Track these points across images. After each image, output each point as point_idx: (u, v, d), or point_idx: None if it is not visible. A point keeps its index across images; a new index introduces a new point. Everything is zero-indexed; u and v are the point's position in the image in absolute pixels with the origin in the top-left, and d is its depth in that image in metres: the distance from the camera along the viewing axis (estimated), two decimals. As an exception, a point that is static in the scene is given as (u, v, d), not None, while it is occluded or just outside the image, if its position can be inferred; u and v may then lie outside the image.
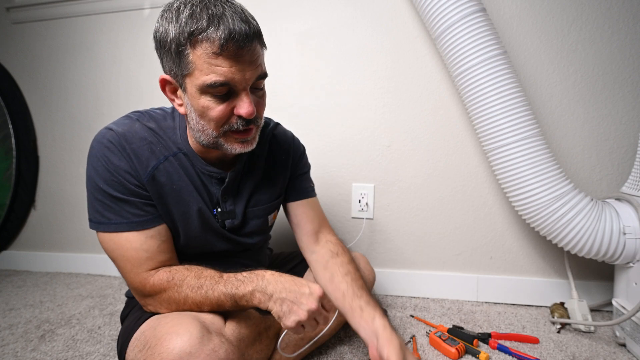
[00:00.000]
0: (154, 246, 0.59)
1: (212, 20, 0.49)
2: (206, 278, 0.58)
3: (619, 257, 0.82)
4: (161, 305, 0.59)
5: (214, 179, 0.65)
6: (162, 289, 0.58)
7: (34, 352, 0.82)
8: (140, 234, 0.59)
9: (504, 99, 0.86)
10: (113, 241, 0.59)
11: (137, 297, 0.62)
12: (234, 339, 0.57)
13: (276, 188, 0.74)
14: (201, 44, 0.50)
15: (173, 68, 0.54)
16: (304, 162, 0.81)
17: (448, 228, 1.12)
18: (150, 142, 0.60)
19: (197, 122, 0.56)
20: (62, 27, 1.35)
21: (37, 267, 1.45)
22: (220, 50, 0.50)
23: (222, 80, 0.51)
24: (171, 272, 0.59)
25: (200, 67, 0.51)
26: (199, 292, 0.57)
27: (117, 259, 0.60)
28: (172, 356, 0.49)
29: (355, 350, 0.81)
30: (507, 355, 0.79)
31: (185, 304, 0.58)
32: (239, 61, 0.51)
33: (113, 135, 0.59)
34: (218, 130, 0.56)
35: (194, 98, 0.54)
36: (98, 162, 0.58)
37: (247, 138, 0.59)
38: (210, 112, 0.54)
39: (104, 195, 0.58)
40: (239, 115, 0.55)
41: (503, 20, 1.03)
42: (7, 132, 1.41)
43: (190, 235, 0.65)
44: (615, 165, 1.01)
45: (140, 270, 0.58)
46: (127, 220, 0.58)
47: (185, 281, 0.58)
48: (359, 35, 1.13)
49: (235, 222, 0.68)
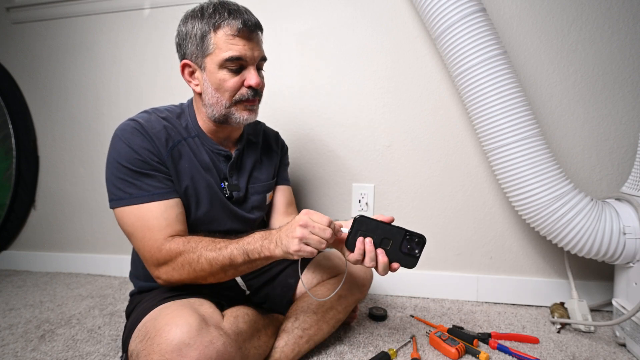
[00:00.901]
0: (172, 215, 0.66)
1: (231, 12, 0.67)
2: (219, 241, 0.63)
3: (619, 257, 0.82)
4: (174, 269, 0.62)
5: (221, 157, 0.76)
6: (178, 252, 0.62)
7: (34, 352, 0.82)
8: (160, 204, 0.65)
9: (504, 99, 0.86)
10: (134, 214, 0.64)
11: (152, 268, 0.64)
12: (232, 333, 0.58)
13: (271, 170, 0.87)
14: (223, 28, 0.66)
15: (195, 52, 0.69)
16: (287, 156, 0.97)
17: (448, 228, 1.12)
18: (166, 127, 0.69)
19: (213, 95, 0.69)
20: (62, 27, 1.36)
21: (37, 267, 1.45)
22: (237, 32, 0.66)
23: (237, 55, 0.66)
24: (187, 238, 0.64)
25: (220, 46, 0.66)
26: (213, 249, 0.61)
27: (137, 230, 0.64)
28: (170, 347, 0.50)
29: (355, 350, 0.81)
30: (507, 355, 0.79)
31: (199, 262, 0.61)
32: (250, 42, 0.68)
33: (135, 124, 0.67)
34: (230, 100, 0.69)
35: (212, 73, 0.68)
36: (122, 145, 0.65)
37: (253, 106, 0.72)
38: (226, 83, 0.68)
39: (126, 173, 0.64)
40: (248, 86, 0.69)
41: (503, 20, 1.03)
42: (7, 132, 1.41)
43: (200, 210, 0.72)
44: (615, 165, 1.01)
45: (159, 237, 0.63)
46: (148, 193, 0.64)
47: (200, 243, 0.63)
48: (359, 35, 1.13)
49: (240, 194, 0.78)
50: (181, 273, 0.62)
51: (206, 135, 0.75)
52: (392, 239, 0.61)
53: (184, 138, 0.71)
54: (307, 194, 1.21)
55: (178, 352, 0.49)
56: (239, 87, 0.69)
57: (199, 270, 0.61)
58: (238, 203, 0.78)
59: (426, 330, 0.90)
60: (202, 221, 0.73)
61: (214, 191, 0.73)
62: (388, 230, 0.61)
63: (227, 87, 0.68)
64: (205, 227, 0.73)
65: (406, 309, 1.04)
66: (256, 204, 0.82)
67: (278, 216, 0.89)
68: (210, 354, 0.51)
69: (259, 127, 0.90)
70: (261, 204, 0.84)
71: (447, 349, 0.78)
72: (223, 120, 0.72)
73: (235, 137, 0.80)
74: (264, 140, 0.89)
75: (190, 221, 0.71)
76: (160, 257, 0.62)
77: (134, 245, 0.66)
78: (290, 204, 0.92)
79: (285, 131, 1.19)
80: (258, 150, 0.85)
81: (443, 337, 0.81)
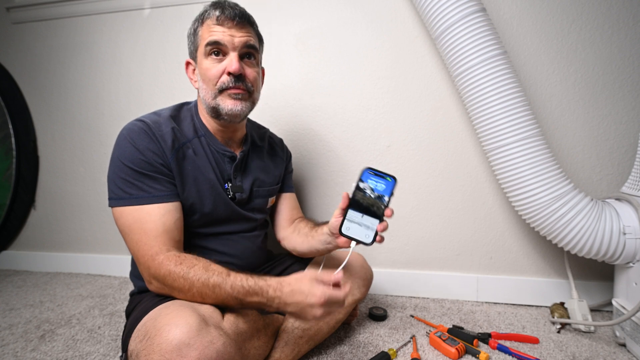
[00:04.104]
0: (170, 220, 0.65)
1: (215, 5, 0.70)
2: (214, 272, 0.60)
3: (619, 257, 0.82)
4: (164, 287, 0.61)
5: (226, 157, 0.76)
6: (169, 273, 0.60)
7: (34, 352, 0.82)
8: (160, 207, 0.64)
9: (504, 99, 0.86)
10: (132, 215, 0.63)
11: (144, 273, 0.64)
12: (232, 333, 0.58)
13: (276, 175, 0.88)
14: (206, 20, 0.70)
15: (191, 48, 0.73)
16: (291, 163, 0.98)
17: (448, 228, 1.12)
18: (174, 129, 0.70)
19: (202, 87, 0.71)
20: (62, 27, 1.36)
21: (37, 267, 1.45)
22: (217, 21, 0.69)
23: (215, 39, 0.68)
24: (180, 257, 0.61)
25: (204, 35, 0.70)
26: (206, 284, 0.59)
27: (134, 232, 0.63)
28: (170, 347, 0.50)
29: (355, 350, 0.81)
30: (507, 355, 0.79)
31: (189, 291, 0.59)
32: (230, 28, 0.69)
33: (143, 124, 0.67)
34: (214, 89, 0.70)
35: (200, 64, 0.71)
36: (127, 145, 0.65)
37: (237, 94, 0.70)
38: (209, 72, 0.69)
39: (128, 173, 0.64)
40: (228, 73, 0.69)
41: (503, 20, 1.03)
42: (7, 132, 1.41)
43: (204, 211, 0.72)
44: (615, 165, 1.01)
45: (154, 244, 0.62)
46: (149, 195, 0.64)
47: (193, 269, 0.60)
48: (359, 35, 1.13)
49: (243, 195, 0.78)
50: (171, 292, 0.61)
51: (212, 135, 0.76)
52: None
53: (190, 139, 0.72)
54: (307, 194, 1.21)
55: (178, 352, 0.49)
56: (220, 74, 0.69)
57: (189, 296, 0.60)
58: (241, 204, 0.79)
59: (426, 330, 0.90)
60: (205, 222, 0.73)
61: (218, 192, 0.73)
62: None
63: (210, 75, 0.69)
64: (209, 228, 0.74)
65: (406, 309, 1.04)
66: (258, 207, 0.83)
67: (283, 222, 0.90)
68: (210, 354, 0.51)
69: (264, 132, 0.92)
70: (263, 207, 0.84)
71: (447, 349, 0.78)
72: (215, 113, 0.72)
73: (239, 138, 0.81)
74: (269, 145, 0.90)
75: (194, 222, 0.71)
76: (152, 268, 0.61)
77: (129, 246, 0.65)
78: (295, 208, 0.94)
79: (285, 131, 1.19)
80: (263, 155, 0.86)
81: (443, 337, 0.81)
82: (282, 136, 0.96)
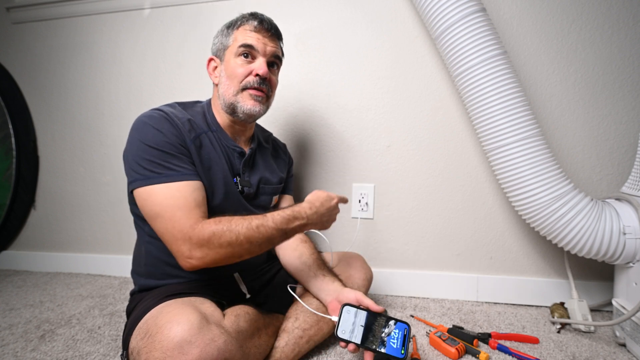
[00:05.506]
0: (200, 197, 0.66)
1: (254, 16, 0.78)
2: (251, 218, 0.64)
3: (619, 257, 0.82)
4: (211, 249, 0.60)
5: (236, 153, 0.79)
6: (213, 233, 0.60)
7: (34, 352, 0.82)
8: (189, 185, 0.65)
9: (504, 99, 0.86)
10: (163, 193, 0.63)
11: (183, 249, 0.61)
12: (233, 331, 0.58)
13: (280, 176, 0.90)
14: (243, 26, 0.77)
15: (219, 47, 0.79)
16: (292, 168, 1.01)
17: (448, 228, 1.12)
18: (189, 120, 0.72)
19: (224, 82, 0.76)
20: (62, 27, 1.36)
21: (37, 267, 1.45)
22: (254, 29, 0.76)
23: (250, 43, 0.75)
24: (216, 219, 0.63)
25: (238, 38, 0.76)
26: (250, 227, 0.62)
27: (166, 209, 0.62)
28: (172, 344, 0.50)
29: (355, 350, 0.81)
30: (507, 355, 0.79)
31: (237, 240, 0.61)
32: (264, 37, 0.77)
33: (160, 112, 0.69)
34: (238, 87, 0.75)
35: (228, 62, 0.76)
36: (149, 128, 0.66)
37: (258, 96, 0.76)
38: (237, 69, 0.75)
39: (153, 154, 0.64)
40: (255, 74, 0.75)
41: (503, 20, 1.03)
42: (7, 132, 1.41)
43: (215, 201, 0.73)
44: (615, 165, 1.01)
45: (191, 215, 0.62)
46: (178, 172, 0.65)
47: (232, 221, 0.62)
48: (359, 35, 1.13)
49: (251, 190, 0.81)
50: (219, 252, 0.60)
51: (223, 131, 0.79)
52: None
53: (204, 131, 0.75)
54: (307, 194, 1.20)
55: (179, 350, 0.49)
56: (248, 74, 0.75)
57: (237, 246, 0.61)
58: (248, 199, 0.81)
59: (426, 330, 0.90)
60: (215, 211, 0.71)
61: (229, 183, 0.76)
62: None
63: (237, 73, 0.75)
64: None
65: (406, 309, 1.04)
66: (263, 204, 0.85)
67: None
68: (212, 352, 0.51)
69: (268, 135, 0.96)
70: (267, 204, 0.87)
71: (447, 349, 0.78)
72: (231, 110, 0.76)
73: (248, 136, 0.85)
74: (273, 148, 0.94)
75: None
76: (194, 237, 0.60)
77: (161, 226, 0.63)
78: None
79: (285, 131, 1.19)
80: (268, 155, 0.90)
81: (443, 337, 0.81)
82: (282, 136, 0.97)
